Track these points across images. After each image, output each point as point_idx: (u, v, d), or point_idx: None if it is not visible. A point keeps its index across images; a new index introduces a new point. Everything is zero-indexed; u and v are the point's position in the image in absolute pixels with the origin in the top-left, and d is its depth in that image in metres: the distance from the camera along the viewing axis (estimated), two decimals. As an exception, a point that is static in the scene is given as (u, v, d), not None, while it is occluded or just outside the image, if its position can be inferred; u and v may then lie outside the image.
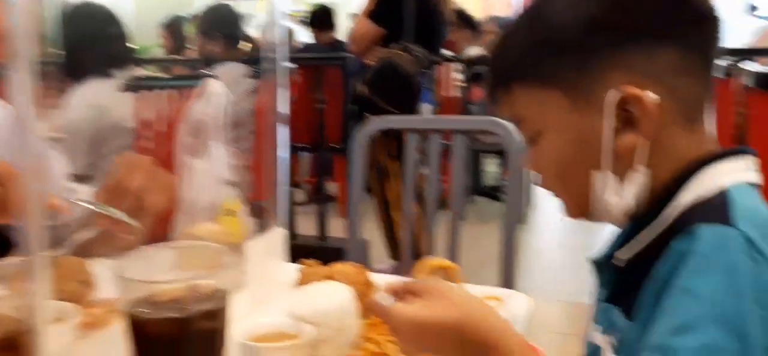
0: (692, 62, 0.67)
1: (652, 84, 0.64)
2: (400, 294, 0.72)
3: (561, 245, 3.94)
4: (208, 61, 2.76)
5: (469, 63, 5.00)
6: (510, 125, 1.73)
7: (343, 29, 5.25)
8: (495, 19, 5.47)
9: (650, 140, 0.65)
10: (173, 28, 5.43)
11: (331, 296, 0.96)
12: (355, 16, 3.72)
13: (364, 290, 1.04)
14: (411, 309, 0.69)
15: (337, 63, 3.65)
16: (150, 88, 2.05)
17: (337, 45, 4.72)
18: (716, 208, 0.61)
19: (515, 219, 1.60)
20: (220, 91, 1.29)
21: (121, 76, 2.03)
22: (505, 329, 0.67)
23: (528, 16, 0.73)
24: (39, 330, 0.61)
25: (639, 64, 0.65)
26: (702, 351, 0.54)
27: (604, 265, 0.75)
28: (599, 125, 0.66)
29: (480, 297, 1.08)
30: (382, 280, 1.11)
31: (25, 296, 0.63)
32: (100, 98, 1.97)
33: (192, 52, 6.59)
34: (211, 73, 2.47)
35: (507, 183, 5.44)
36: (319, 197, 3.48)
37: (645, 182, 0.67)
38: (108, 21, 2.04)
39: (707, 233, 0.58)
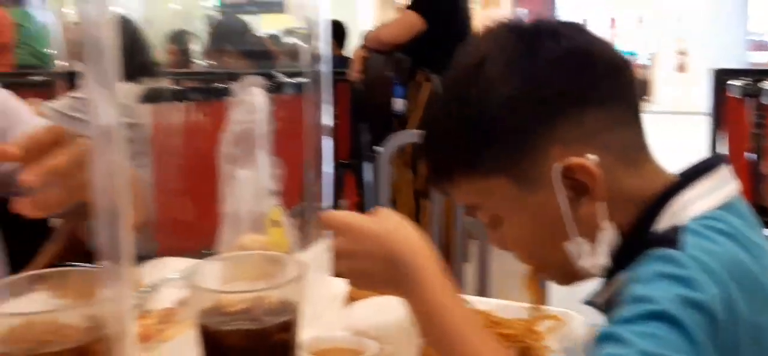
0: (617, 112, 0.68)
1: (588, 147, 0.65)
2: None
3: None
4: (231, 74, 2.74)
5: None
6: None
7: (350, 47, 5.23)
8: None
9: (605, 199, 0.66)
10: (179, 41, 5.40)
11: (391, 310, 0.93)
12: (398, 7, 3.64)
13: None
14: (357, 217, 0.72)
15: (346, 78, 3.61)
16: (173, 99, 2.03)
17: (345, 61, 4.69)
18: (668, 239, 0.62)
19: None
20: (262, 98, 1.25)
21: (145, 85, 2.00)
22: (434, 261, 0.68)
23: (452, 104, 0.72)
24: (120, 339, 0.57)
25: (571, 133, 0.66)
26: (647, 337, 0.54)
27: (595, 306, 0.74)
28: (553, 199, 0.66)
29: (526, 319, 1.04)
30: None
31: (97, 304, 0.59)
32: (124, 98, 1.94)
33: (196, 66, 6.59)
34: (250, 82, 2.44)
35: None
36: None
37: (613, 234, 0.67)
38: (135, 31, 2.01)
39: (656, 254, 0.60)
